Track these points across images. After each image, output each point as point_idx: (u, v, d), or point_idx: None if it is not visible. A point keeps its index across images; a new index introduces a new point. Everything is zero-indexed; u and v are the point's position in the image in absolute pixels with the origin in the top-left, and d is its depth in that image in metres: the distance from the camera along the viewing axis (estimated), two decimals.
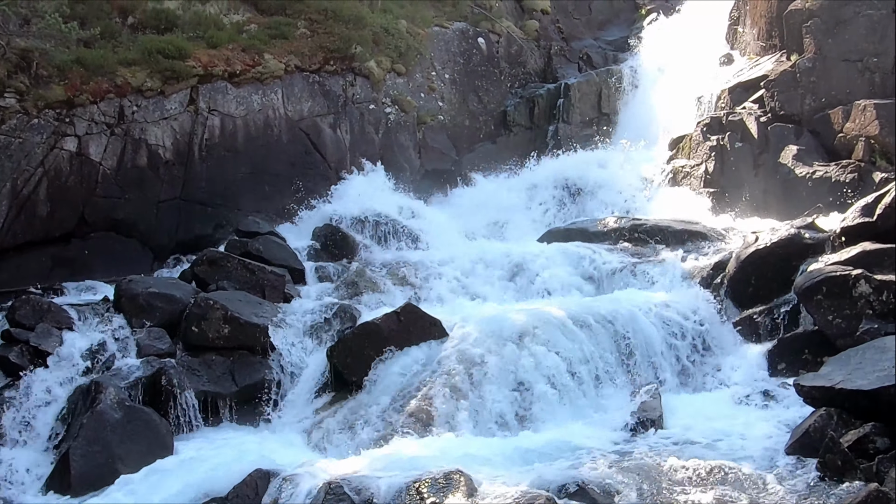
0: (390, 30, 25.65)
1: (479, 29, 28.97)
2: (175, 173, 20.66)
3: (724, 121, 23.14)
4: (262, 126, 22.16)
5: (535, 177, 25.08)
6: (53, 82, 19.56)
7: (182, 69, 21.02)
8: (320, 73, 23.62)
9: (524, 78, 29.47)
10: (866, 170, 19.92)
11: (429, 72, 26.77)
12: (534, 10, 31.54)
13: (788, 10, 23.38)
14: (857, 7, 22.26)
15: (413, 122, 25.35)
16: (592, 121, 27.85)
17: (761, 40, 24.80)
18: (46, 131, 19.06)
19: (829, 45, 22.20)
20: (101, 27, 21.19)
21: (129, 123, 20.19)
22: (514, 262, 18.35)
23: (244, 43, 22.73)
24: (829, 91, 21.87)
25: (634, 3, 33.81)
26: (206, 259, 16.82)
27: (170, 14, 22.67)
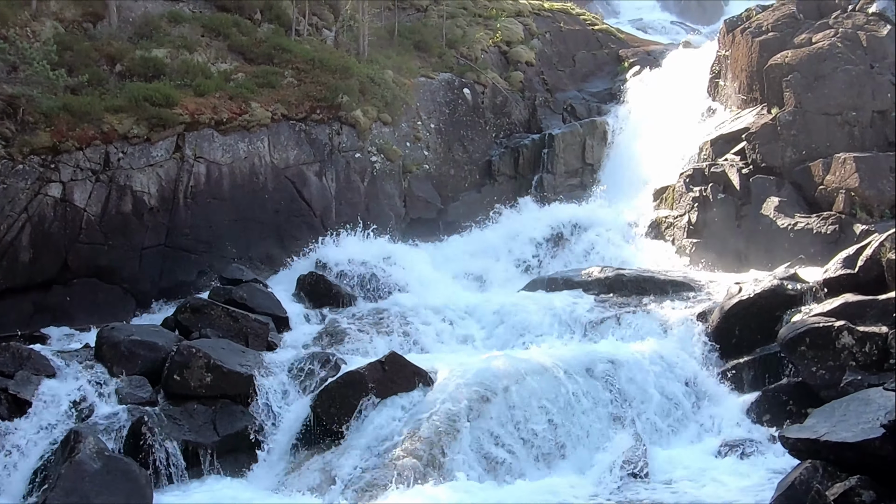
0: (377, 80, 25.90)
1: (465, 80, 29.34)
2: (159, 220, 20.62)
3: (706, 172, 23.41)
4: (247, 173, 22.21)
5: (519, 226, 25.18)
6: (40, 128, 19.57)
7: (169, 116, 21.11)
8: (307, 122, 23.79)
9: (509, 128, 29.78)
10: (847, 221, 20.14)
11: (415, 121, 27.00)
12: (519, 62, 31.97)
13: (768, 64, 23.81)
14: (835, 63, 22.70)
15: (399, 171, 25.50)
16: (577, 171, 28.10)
17: (742, 93, 25.20)
18: (31, 177, 19.02)
19: (809, 98, 22.58)
20: (88, 74, 21.27)
21: (114, 170, 20.20)
22: (498, 311, 18.35)
23: (231, 91, 22.87)
24: (810, 144, 22.18)
25: (617, 56, 34.35)
26: (189, 306, 16.70)
27: (158, 62, 22.80)
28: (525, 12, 34.96)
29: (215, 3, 26.20)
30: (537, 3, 37.06)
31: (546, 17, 35.51)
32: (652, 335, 16.31)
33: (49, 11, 22.94)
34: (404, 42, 30.11)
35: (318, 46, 26.26)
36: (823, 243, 19.80)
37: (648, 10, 58.60)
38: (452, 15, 32.89)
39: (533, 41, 33.41)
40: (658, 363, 15.04)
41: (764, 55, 24.29)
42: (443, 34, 31.13)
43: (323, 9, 28.86)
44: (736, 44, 25.70)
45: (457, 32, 31.72)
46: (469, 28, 32.44)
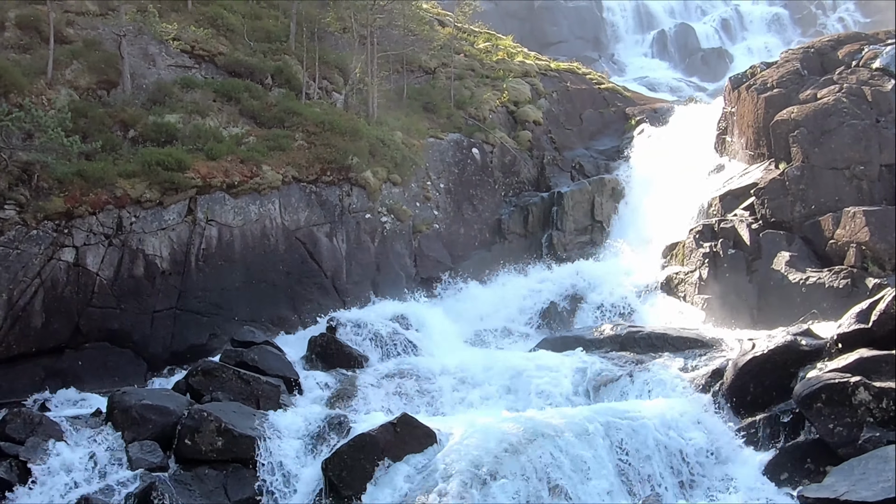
0: (386, 141, 26.19)
1: (474, 139, 29.64)
2: (171, 283, 20.72)
3: (716, 228, 23.43)
4: (259, 235, 22.37)
5: (530, 284, 25.18)
6: (54, 194, 19.82)
7: (181, 180, 21.35)
8: (317, 184, 24.00)
9: (518, 187, 29.97)
10: (859, 275, 20.07)
11: (424, 181, 27.22)
12: (526, 121, 32.30)
13: (775, 120, 23.99)
14: (841, 117, 22.86)
15: (409, 231, 25.62)
16: (586, 228, 28.17)
17: (749, 149, 25.35)
18: (45, 242, 19.20)
19: (816, 153, 22.69)
20: (102, 140, 21.59)
21: (127, 234, 20.37)
22: (510, 371, 18.22)
23: (243, 154, 23.14)
24: (819, 198, 22.23)
25: (624, 114, 34.69)
26: (200, 370, 16.69)
27: (170, 127, 23.13)
28: (532, 73, 35.43)
29: (227, 69, 26.66)
30: (544, 64, 37.57)
31: (553, 77, 35.97)
32: (665, 393, 16.17)
33: (64, 79, 23.37)
34: (413, 103, 30.51)
35: (328, 109, 26.62)
36: (836, 297, 19.70)
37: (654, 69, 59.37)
38: (460, 76, 33.37)
39: (540, 101, 33.80)
40: (672, 422, 14.88)
41: (770, 111, 24.49)
42: (451, 95, 31.54)
43: (333, 73, 29.32)
44: (742, 100, 25.93)
45: (465, 93, 32.14)
46: (477, 89, 32.86)
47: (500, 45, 38.74)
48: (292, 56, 28.37)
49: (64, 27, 24.59)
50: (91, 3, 25.97)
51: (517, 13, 60.61)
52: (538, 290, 24.70)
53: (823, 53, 26.21)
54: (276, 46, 28.67)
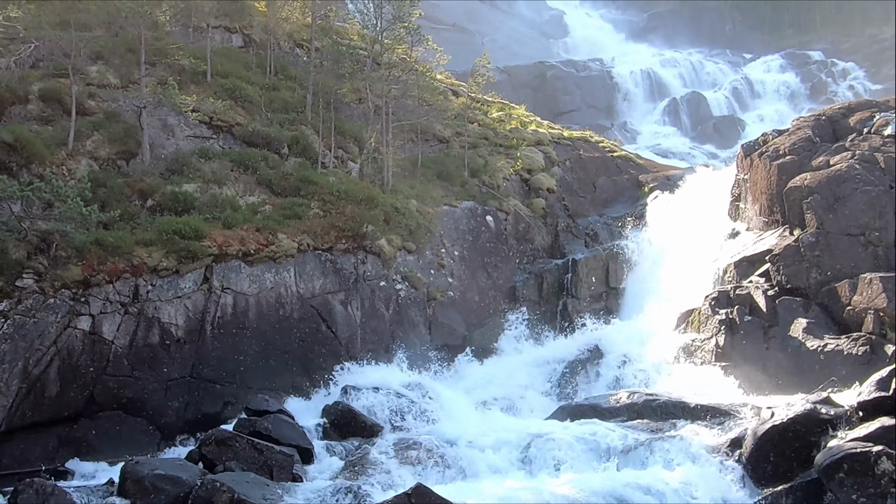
0: (401, 209, 26.40)
1: (488, 207, 29.82)
2: (186, 351, 20.75)
3: (731, 294, 23.31)
4: (274, 303, 22.43)
5: (546, 352, 25.04)
6: (71, 263, 20.01)
7: (198, 249, 21.53)
8: (332, 252, 24.15)
9: (532, 254, 30.03)
10: (878, 342, 19.86)
11: (439, 249, 27.32)
12: (540, 189, 32.52)
13: (788, 187, 24.04)
14: (854, 184, 22.89)
15: (423, 299, 25.64)
16: (601, 295, 28.12)
17: (763, 215, 25.36)
18: (61, 311, 19.32)
19: (831, 220, 22.67)
20: (120, 209, 21.88)
21: (143, 302, 20.49)
22: (525, 440, 17.98)
23: (259, 223, 23.35)
24: (834, 265, 22.13)
25: (637, 181, 34.86)
26: (213, 439, 16.58)
27: (188, 196, 23.42)
28: (545, 141, 35.79)
29: (245, 139, 27.09)
30: (557, 132, 37.97)
31: (566, 145, 36.31)
32: (684, 463, 15.91)
33: (85, 150, 23.79)
34: (427, 172, 30.82)
35: (343, 178, 26.93)
36: (855, 365, 19.46)
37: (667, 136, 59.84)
38: (474, 145, 33.73)
39: (554, 168, 34.07)
40: (692, 493, 14.61)
41: (783, 178, 24.56)
42: (465, 164, 31.85)
43: (348, 142, 29.73)
44: (754, 167, 26.05)
45: (479, 162, 32.45)
46: (491, 157, 33.19)
47: (513, 114, 39.22)
48: (308, 126, 28.83)
49: (86, 99, 25.12)
50: (113, 75, 26.57)
51: (530, 83, 61.51)
52: (553, 358, 24.54)
53: (835, 121, 26.37)
54: (292, 117, 29.18)
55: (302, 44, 34.92)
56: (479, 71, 34.82)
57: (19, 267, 19.30)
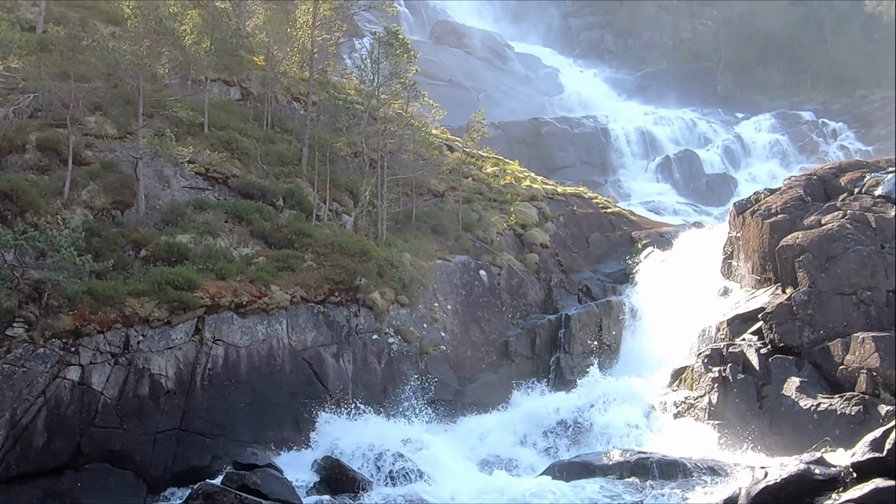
0: (395, 262, 26.41)
1: (481, 262, 29.86)
2: (175, 403, 20.56)
3: (724, 352, 23.29)
4: (265, 356, 22.31)
5: (538, 408, 24.85)
6: (63, 312, 19.93)
7: (190, 300, 21.47)
8: (325, 304, 24.10)
9: (525, 309, 29.99)
10: (871, 402, 19.81)
11: (432, 303, 27.29)
12: (534, 244, 32.60)
13: (780, 245, 24.17)
14: (846, 243, 23.03)
15: (416, 352, 25.53)
16: (594, 351, 28.02)
17: (756, 274, 25.45)
18: (51, 360, 19.19)
19: (823, 279, 22.75)
20: (114, 259, 21.86)
21: (133, 353, 20.37)
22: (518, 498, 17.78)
23: (252, 275, 23.34)
24: (827, 323, 22.16)
25: (631, 238, 34.98)
26: (201, 493, 16.38)
27: (182, 247, 23.43)
28: (539, 196, 35.99)
29: (240, 191, 27.19)
30: (551, 188, 38.19)
31: (560, 201, 36.50)
32: None
33: (80, 200, 23.86)
34: (422, 226, 30.91)
35: (337, 231, 27.00)
36: (849, 424, 19.40)
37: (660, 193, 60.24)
38: (468, 200, 33.90)
39: (547, 224, 34.20)
40: None
41: (775, 236, 24.71)
42: (459, 218, 31.97)
43: (343, 195, 29.86)
44: (746, 225, 26.21)
45: (473, 216, 32.58)
46: (485, 212, 33.34)
47: (507, 169, 39.49)
48: (304, 179, 28.98)
49: (83, 149, 25.27)
50: (110, 126, 26.75)
51: (524, 139, 62.01)
52: (545, 414, 24.34)
53: (826, 180, 26.62)
54: (288, 169, 29.35)
55: (299, 97, 35.27)
56: (474, 126, 35.13)
57: (10, 316, 19.22)
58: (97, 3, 34.54)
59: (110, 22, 32.07)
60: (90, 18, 31.70)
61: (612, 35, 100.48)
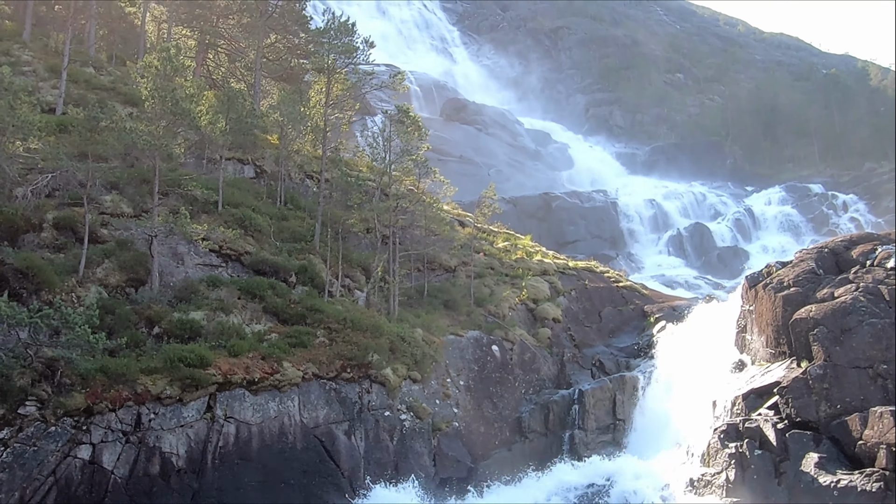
0: (407, 338, 26.40)
1: (493, 337, 29.80)
2: (186, 482, 20.36)
3: (740, 427, 22.98)
4: (276, 433, 22.16)
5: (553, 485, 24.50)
6: (75, 390, 19.92)
7: (202, 377, 21.45)
8: (337, 381, 24.03)
9: (538, 384, 29.81)
10: (892, 478, 19.40)
11: (444, 378, 27.17)
12: (546, 319, 32.57)
13: (794, 318, 24.03)
14: (860, 316, 22.88)
15: (428, 429, 25.31)
16: (608, 427, 27.73)
17: (770, 347, 25.26)
18: (62, 439, 19.10)
19: (838, 352, 22.55)
20: (127, 336, 21.94)
21: (144, 431, 20.27)
22: None
23: (264, 351, 23.35)
24: (844, 397, 21.88)
25: (643, 311, 34.93)
26: None
27: (194, 324, 23.52)
28: (550, 271, 36.09)
29: (253, 267, 27.38)
30: (562, 262, 38.32)
31: (571, 275, 36.58)
32: None
33: (95, 277, 24.06)
34: (433, 301, 30.98)
35: (349, 307, 27.07)
36: (869, 501, 18.99)
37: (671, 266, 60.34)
38: (480, 275, 34.02)
39: (559, 298, 34.22)
40: None
41: (788, 309, 24.59)
42: (471, 293, 32.04)
43: (355, 271, 30.03)
44: (759, 299, 26.12)
45: (484, 291, 32.65)
46: (496, 287, 33.42)
47: (518, 244, 39.72)
48: (316, 255, 29.20)
49: (99, 228, 25.58)
50: (126, 205, 27.12)
51: (535, 213, 62.48)
52: (561, 491, 23.98)
53: (837, 253, 26.60)
54: (301, 246, 29.60)
55: (312, 175, 35.78)
56: (485, 202, 35.47)
57: (23, 394, 19.21)
58: (116, 85, 35.40)
59: (128, 103, 32.81)
60: (109, 100, 32.43)
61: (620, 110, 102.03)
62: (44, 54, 35.61)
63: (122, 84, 35.59)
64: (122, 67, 39.39)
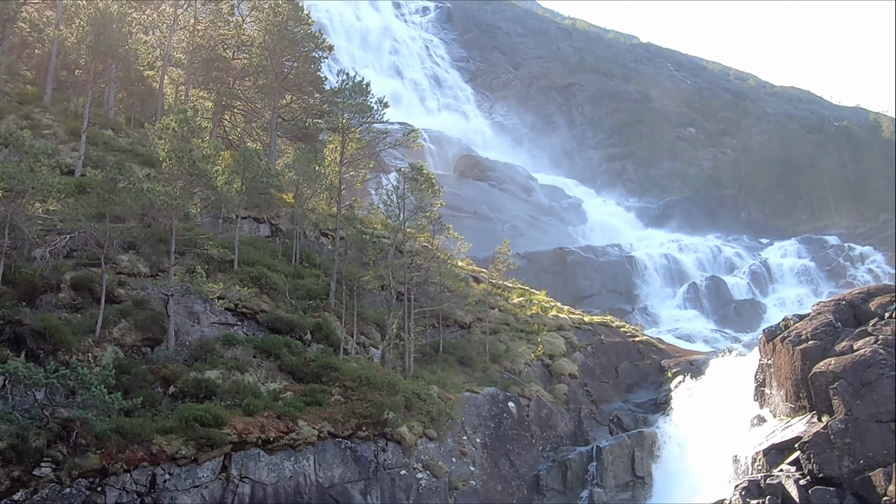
0: (422, 395, 26.26)
1: (510, 393, 29.60)
2: None
3: (762, 484, 22.62)
4: (292, 493, 21.94)
5: None
6: (90, 451, 19.85)
7: (217, 437, 21.35)
8: (352, 439, 23.85)
9: (555, 441, 29.50)
10: None
11: (460, 436, 26.94)
12: (562, 374, 32.36)
13: (813, 372, 23.80)
14: (880, 369, 22.65)
15: (444, 488, 25.02)
16: (627, 484, 27.35)
17: (790, 401, 24.98)
18: (77, 501, 18.94)
19: (859, 406, 22.28)
20: (143, 396, 21.91)
21: (159, 492, 20.11)
22: None
23: (279, 410, 23.25)
24: (866, 452, 21.55)
25: (660, 366, 34.66)
26: None
27: (210, 383, 23.49)
28: (566, 326, 35.96)
29: (268, 326, 27.41)
30: (578, 317, 38.19)
31: (587, 331, 36.43)
32: None
33: (111, 337, 24.13)
34: (449, 357, 30.87)
35: (365, 364, 27.00)
36: None
37: (688, 320, 60.00)
38: (495, 331, 33.92)
39: (575, 354, 34.04)
40: None
41: (807, 363, 24.38)
42: (486, 349, 31.92)
43: (370, 328, 30.02)
44: (777, 352, 25.92)
45: (500, 347, 32.53)
46: (512, 342, 33.30)
47: (533, 299, 39.66)
48: (331, 312, 29.23)
49: (116, 287, 25.74)
50: (143, 264, 27.31)
51: (550, 268, 62.49)
52: None
53: (855, 305, 26.44)
54: (316, 303, 29.64)
55: (327, 233, 36.00)
56: (499, 257, 35.54)
57: (38, 455, 19.15)
58: (134, 147, 35.92)
59: (146, 164, 33.24)
60: (127, 161, 32.89)
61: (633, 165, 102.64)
62: (64, 117, 36.23)
63: (140, 146, 36.12)
64: (140, 129, 40.00)
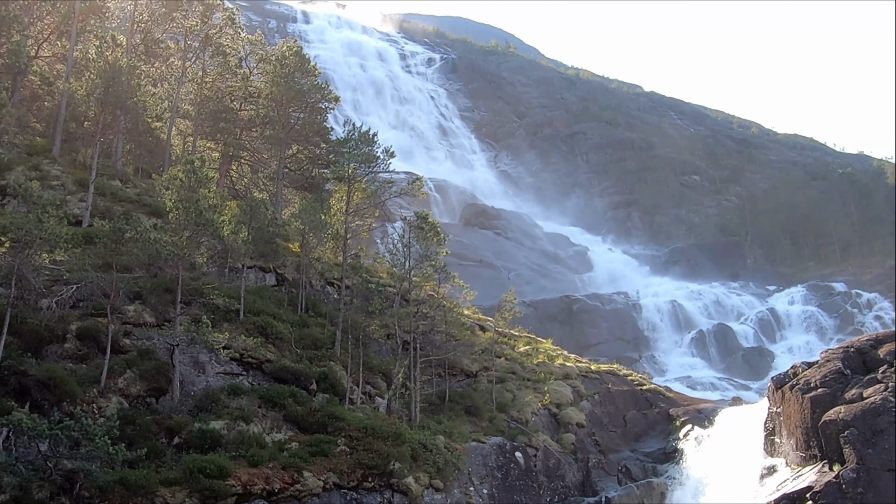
0: (428, 445, 26.02)
1: (517, 443, 29.32)
2: None
3: None
4: None
5: None
6: (94, 503, 19.63)
7: (221, 488, 21.13)
8: (358, 490, 23.58)
9: (563, 491, 29.13)
10: None
11: (467, 487, 26.62)
12: (569, 424, 32.09)
13: (823, 420, 23.56)
14: (891, 417, 22.42)
15: None
16: None
17: (800, 450, 24.70)
18: None
19: (870, 455, 22.02)
20: (147, 447, 21.72)
21: None
22: None
23: (284, 461, 23.03)
24: (879, 502, 21.24)
25: (668, 415, 34.36)
26: None
27: (215, 434, 23.31)
28: (573, 375, 35.76)
29: (274, 375, 27.29)
30: (584, 366, 37.99)
31: (594, 379, 36.20)
32: None
33: (116, 387, 24.04)
34: (455, 407, 30.66)
35: (370, 414, 26.82)
36: None
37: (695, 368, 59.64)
38: (502, 379, 33.73)
39: (582, 402, 33.80)
40: None
41: (817, 411, 24.15)
42: (493, 398, 31.71)
43: (376, 377, 29.87)
44: (786, 400, 25.70)
45: (507, 396, 32.31)
46: (519, 391, 33.08)
47: (540, 347, 39.50)
48: (337, 362, 29.11)
49: (121, 337, 25.70)
50: (149, 314, 27.31)
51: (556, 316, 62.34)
52: None
53: (864, 352, 26.27)
54: (321, 353, 29.55)
55: (333, 282, 36.00)
56: (505, 306, 35.47)
57: None
58: (141, 197, 36.14)
59: (153, 214, 33.40)
60: (134, 211, 33.05)
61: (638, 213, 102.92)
62: (72, 168, 36.53)
63: (147, 196, 36.35)
64: (147, 180, 40.31)
